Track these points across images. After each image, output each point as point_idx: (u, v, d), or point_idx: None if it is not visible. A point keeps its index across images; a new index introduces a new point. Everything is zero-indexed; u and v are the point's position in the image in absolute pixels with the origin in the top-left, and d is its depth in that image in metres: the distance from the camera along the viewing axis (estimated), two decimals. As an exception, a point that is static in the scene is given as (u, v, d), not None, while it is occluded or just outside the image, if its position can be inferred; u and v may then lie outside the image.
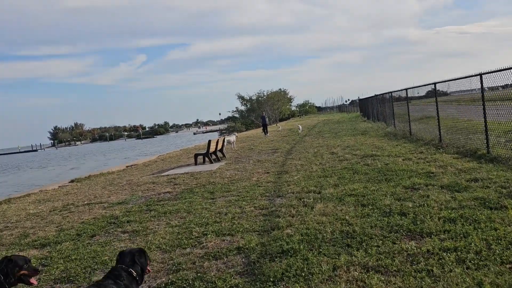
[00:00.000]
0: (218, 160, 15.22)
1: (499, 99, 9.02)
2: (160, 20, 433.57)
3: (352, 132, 20.72)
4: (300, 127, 29.13)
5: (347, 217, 5.40)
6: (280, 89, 76.13)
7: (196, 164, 14.62)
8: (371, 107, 29.45)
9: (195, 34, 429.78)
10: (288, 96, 79.98)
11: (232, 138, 19.86)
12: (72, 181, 15.82)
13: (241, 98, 69.87)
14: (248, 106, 71.18)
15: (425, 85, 12.46)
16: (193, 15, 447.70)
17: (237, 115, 71.43)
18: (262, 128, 30.61)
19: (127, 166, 19.78)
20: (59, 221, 7.94)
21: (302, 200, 6.80)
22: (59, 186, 14.65)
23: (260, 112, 67.84)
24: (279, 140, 22.37)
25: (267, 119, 32.89)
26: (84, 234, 6.51)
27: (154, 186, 10.91)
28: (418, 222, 4.86)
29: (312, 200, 6.68)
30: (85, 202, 9.85)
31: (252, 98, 70.95)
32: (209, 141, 14.50)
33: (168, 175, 12.85)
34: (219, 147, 15.84)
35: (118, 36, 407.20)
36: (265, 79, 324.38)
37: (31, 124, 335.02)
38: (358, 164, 9.83)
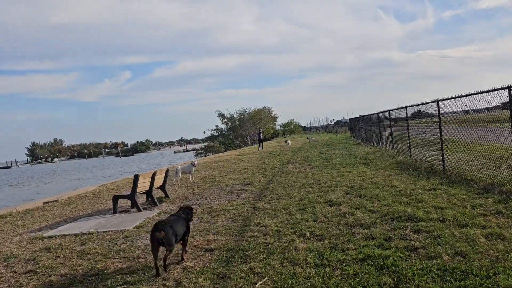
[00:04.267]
0: (154, 203, 9.96)
1: None
2: (145, 38, 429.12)
3: (350, 160, 15.70)
4: (289, 142, 33.20)
5: None
6: (264, 107, 71.60)
7: (115, 212, 9.31)
8: (368, 128, 24.64)
9: (181, 53, 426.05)
10: (272, 115, 75.42)
11: (188, 167, 14.64)
12: None
13: (221, 115, 64.84)
14: (229, 124, 66.18)
15: (490, 91, 7.45)
16: (179, 33, 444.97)
17: (216, 134, 66.19)
18: (258, 143, 34.17)
19: (44, 203, 14.33)
20: None
21: None
22: None
23: (242, 131, 62.98)
24: (255, 168, 17.21)
25: (262, 135, 36.55)
26: None
27: (-10, 274, 5.61)
28: None
29: None
30: None
31: (234, 116, 66.06)
32: (136, 177, 9.24)
33: (53, 236, 7.55)
34: (159, 183, 10.61)
35: (102, 53, 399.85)
36: (251, 98, 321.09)
37: (11, 140, 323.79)
38: (396, 249, 4.64)
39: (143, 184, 9.64)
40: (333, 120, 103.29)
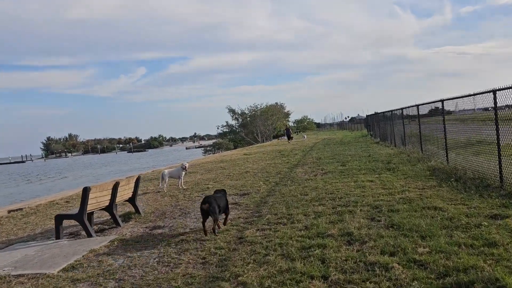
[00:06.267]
0: (116, 223, 7.63)
1: None
2: (160, 33, 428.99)
3: (370, 164, 13.14)
4: (305, 136, 40.48)
5: None
6: (276, 103, 68.89)
7: (58, 236, 6.99)
8: (388, 126, 21.98)
9: (195, 48, 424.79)
10: (285, 111, 72.70)
11: (177, 171, 12.30)
12: None
13: (232, 111, 62.42)
14: (240, 120, 63.78)
15: None
16: (194, 29, 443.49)
17: (226, 130, 63.85)
18: (287, 138, 39.67)
19: (8, 212, 12.20)
20: None
21: None
22: None
23: (252, 127, 60.65)
24: (258, 171, 14.78)
25: (291, 131, 41.36)
26: None
27: None
28: None
29: None
30: None
31: (245, 112, 63.62)
32: (86, 191, 6.86)
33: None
34: (126, 195, 8.26)
35: (118, 49, 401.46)
36: (264, 94, 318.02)
37: (28, 134, 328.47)
38: None
39: (100, 199, 7.30)
40: (348, 117, 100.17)
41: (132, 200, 8.50)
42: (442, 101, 10.36)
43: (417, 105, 13.57)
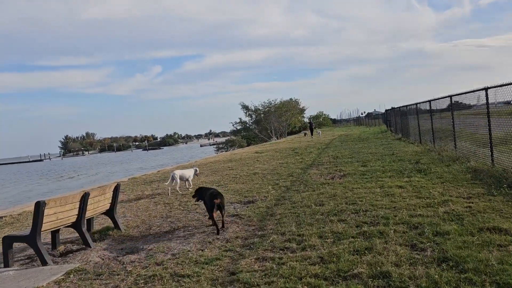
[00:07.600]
0: (85, 243, 6.14)
1: None
2: (175, 32, 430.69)
3: (396, 164, 11.41)
4: (320, 132, 41.33)
5: None
6: (291, 98, 66.88)
7: (6, 264, 5.53)
8: (412, 120, 20.10)
9: (210, 46, 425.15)
10: (300, 107, 70.67)
11: (187, 174, 10.95)
12: None
13: (245, 108, 60.75)
14: (254, 117, 62.09)
15: None
16: (208, 27, 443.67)
17: (239, 127, 62.22)
18: (310, 131, 40.30)
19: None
20: None
21: None
22: None
23: (266, 123, 59.08)
24: (268, 173, 13.18)
25: (313, 125, 42.88)
26: None
27: None
28: None
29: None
30: None
31: (259, 108, 61.88)
32: (39, 206, 5.36)
33: None
34: (103, 207, 6.77)
35: (134, 47, 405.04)
36: (279, 91, 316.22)
37: (47, 133, 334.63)
38: None
39: (62, 215, 5.81)
40: (364, 112, 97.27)
41: (110, 213, 7.02)
42: (486, 89, 8.57)
43: (450, 96, 11.76)
